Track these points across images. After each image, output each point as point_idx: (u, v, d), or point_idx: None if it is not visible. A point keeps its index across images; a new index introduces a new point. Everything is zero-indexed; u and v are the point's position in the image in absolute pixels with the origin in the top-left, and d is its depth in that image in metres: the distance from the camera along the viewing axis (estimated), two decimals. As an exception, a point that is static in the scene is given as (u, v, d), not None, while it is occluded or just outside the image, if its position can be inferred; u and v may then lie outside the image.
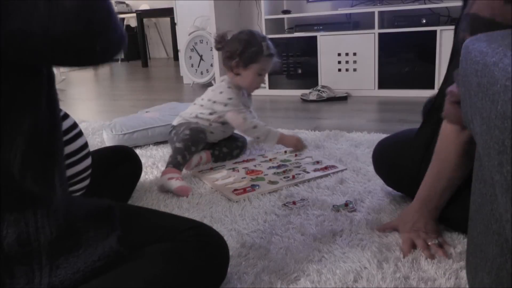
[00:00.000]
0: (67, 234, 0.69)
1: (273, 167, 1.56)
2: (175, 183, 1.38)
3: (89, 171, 0.91)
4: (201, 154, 1.62)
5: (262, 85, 1.71)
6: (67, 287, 0.70)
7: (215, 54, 3.32)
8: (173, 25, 5.25)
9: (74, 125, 0.96)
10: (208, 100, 1.67)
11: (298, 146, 1.71)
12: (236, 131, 1.77)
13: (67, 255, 0.69)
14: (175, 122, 1.73)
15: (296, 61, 3.04)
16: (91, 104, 3.28)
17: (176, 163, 1.47)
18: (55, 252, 0.68)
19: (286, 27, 3.28)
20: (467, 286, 0.82)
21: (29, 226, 0.67)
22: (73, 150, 0.85)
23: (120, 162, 1.28)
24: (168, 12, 5.01)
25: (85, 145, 0.90)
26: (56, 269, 0.68)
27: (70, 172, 0.84)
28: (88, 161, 0.90)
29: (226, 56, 1.66)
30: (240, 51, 1.62)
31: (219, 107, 1.64)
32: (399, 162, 1.15)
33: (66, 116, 0.92)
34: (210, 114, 1.65)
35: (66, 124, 0.91)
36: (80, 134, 0.97)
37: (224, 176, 1.50)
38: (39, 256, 0.67)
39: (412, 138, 1.13)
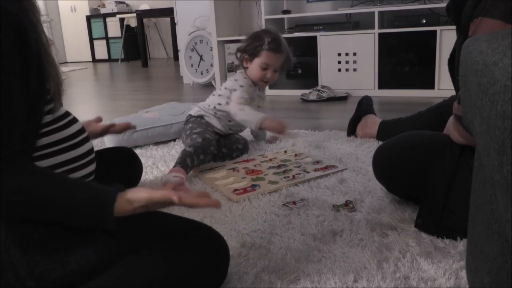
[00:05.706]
0: (39, 237, 0.71)
1: (273, 167, 1.56)
2: (176, 180, 1.39)
3: (92, 156, 0.90)
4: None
5: (268, 77, 1.69)
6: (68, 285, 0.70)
7: (215, 54, 3.32)
8: (173, 25, 5.25)
9: (67, 114, 0.97)
10: (225, 89, 1.72)
11: (280, 129, 1.55)
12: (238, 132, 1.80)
13: (41, 255, 0.70)
14: (193, 112, 1.78)
15: (296, 61, 3.04)
16: (91, 104, 3.28)
17: (185, 164, 1.48)
18: (29, 255, 0.69)
19: (286, 27, 3.28)
20: (467, 286, 0.82)
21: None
22: (69, 135, 0.85)
23: (120, 164, 1.28)
24: (168, 12, 5.01)
25: (82, 129, 0.90)
26: (41, 275, 0.69)
27: (68, 156, 0.84)
28: (89, 145, 0.90)
29: (237, 50, 1.74)
30: (245, 45, 1.71)
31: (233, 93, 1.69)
32: (404, 167, 1.13)
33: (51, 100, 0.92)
34: (227, 104, 1.70)
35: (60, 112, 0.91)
36: (73, 121, 0.97)
37: (224, 176, 1.50)
38: (12, 267, 0.68)
39: (414, 141, 1.13)
